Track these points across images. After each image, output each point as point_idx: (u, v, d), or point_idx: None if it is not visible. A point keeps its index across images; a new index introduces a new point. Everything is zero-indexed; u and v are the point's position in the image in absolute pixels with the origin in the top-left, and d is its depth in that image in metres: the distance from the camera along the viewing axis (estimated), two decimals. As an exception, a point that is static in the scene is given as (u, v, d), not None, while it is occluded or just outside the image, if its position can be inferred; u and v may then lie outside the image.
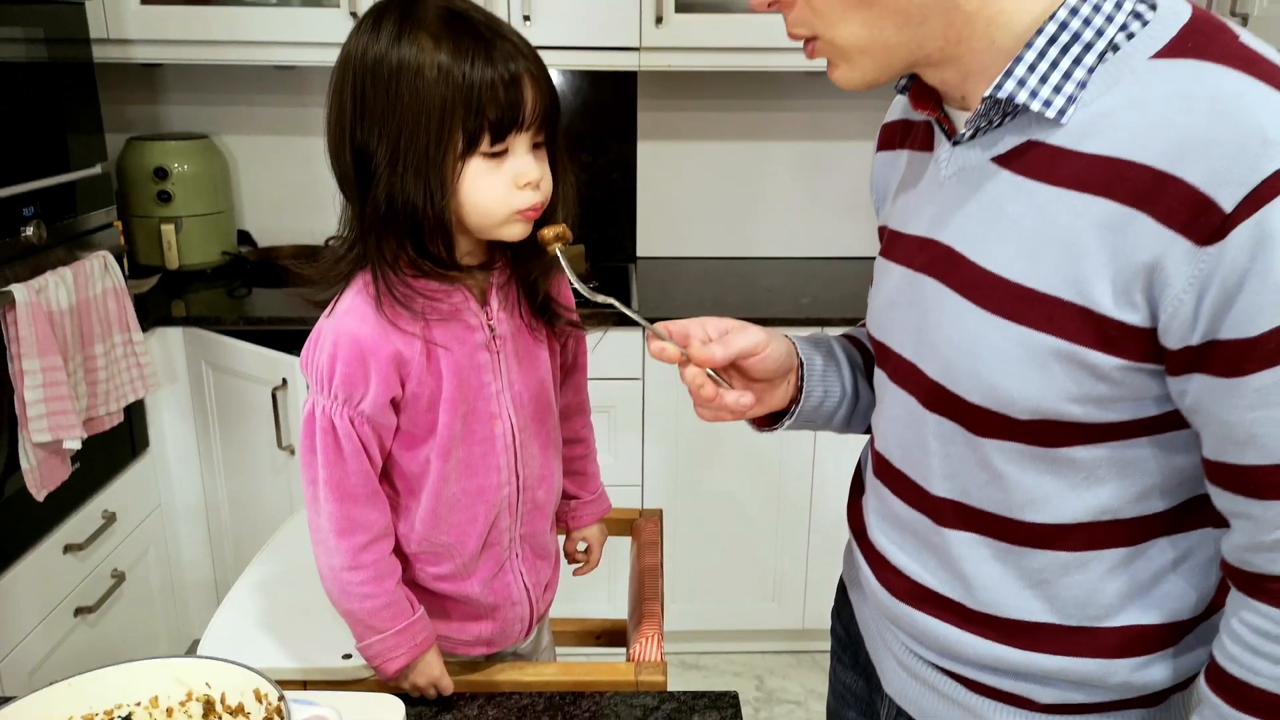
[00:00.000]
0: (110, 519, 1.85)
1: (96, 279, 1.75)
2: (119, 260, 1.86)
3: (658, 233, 2.57)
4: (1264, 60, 0.61)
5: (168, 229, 2.23)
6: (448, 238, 0.90)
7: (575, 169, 0.98)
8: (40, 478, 1.63)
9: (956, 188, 0.73)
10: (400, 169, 0.86)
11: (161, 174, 2.23)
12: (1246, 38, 0.63)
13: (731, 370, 0.84)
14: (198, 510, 2.13)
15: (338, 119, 0.89)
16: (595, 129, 2.46)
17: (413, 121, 0.85)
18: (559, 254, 0.90)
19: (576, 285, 0.89)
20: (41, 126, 1.71)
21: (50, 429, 1.60)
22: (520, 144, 0.89)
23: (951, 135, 0.74)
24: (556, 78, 2.40)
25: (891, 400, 0.82)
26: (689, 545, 2.19)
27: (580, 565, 1.24)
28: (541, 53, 0.92)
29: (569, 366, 1.15)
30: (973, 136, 0.71)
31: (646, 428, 2.11)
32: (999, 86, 0.66)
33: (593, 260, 2.42)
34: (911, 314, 0.77)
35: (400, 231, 0.89)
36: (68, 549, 1.74)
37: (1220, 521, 0.69)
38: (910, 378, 0.78)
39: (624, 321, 2.01)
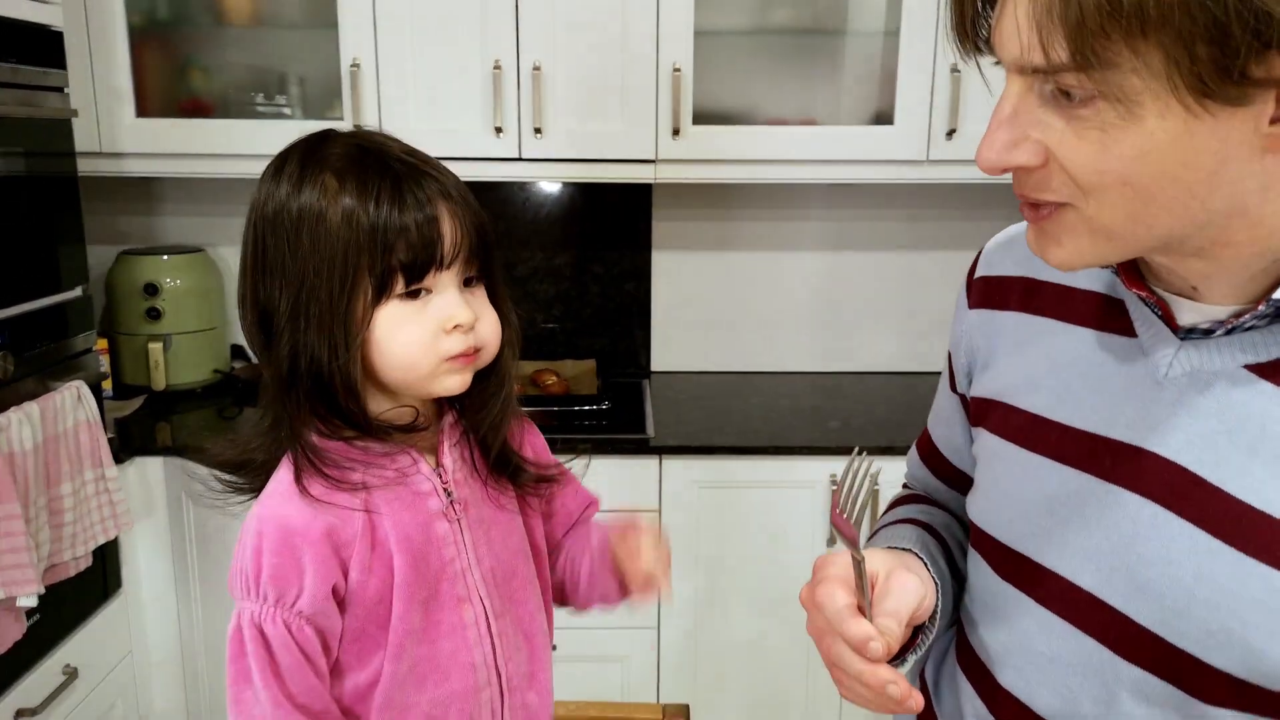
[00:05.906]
0: (71, 675, 1.67)
1: (67, 412, 1.61)
2: (98, 385, 1.72)
3: (673, 346, 2.43)
4: None
5: (155, 347, 2.11)
6: (355, 396, 0.77)
7: (587, 280, 0.85)
8: (-10, 638, 1.46)
9: (1186, 393, 0.62)
10: (302, 324, 0.75)
11: (152, 290, 2.12)
12: None
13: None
14: (173, 657, 1.94)
15: (240, 276, 0.80)
16: (607, 238, 2.35)
17: (314, 271, 0.75)
18: None
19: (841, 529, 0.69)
20: (16, 246, 1.59)
21: (2, 585, 1.43)
22: (445, 282, 0.78)
23: (1174, 326, 0.62)
24: (563, 186, 2.31)
25: (1042, 634, 0.68)
26: (711, 692, 1.99)
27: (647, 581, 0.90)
28: (551, 165, 0.80)
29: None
30: (1212, 333, 0.60)
31: (664, 564, 1.94)
32: None
33: (604, 375, 2.29)
34: (1093, 533, 0.65)
35: (310, 393, 0.77)
36: (19, 715, 1.56)
37: None
38: (1090, 615, 0.65)
39: (615, 450, 1.88)
